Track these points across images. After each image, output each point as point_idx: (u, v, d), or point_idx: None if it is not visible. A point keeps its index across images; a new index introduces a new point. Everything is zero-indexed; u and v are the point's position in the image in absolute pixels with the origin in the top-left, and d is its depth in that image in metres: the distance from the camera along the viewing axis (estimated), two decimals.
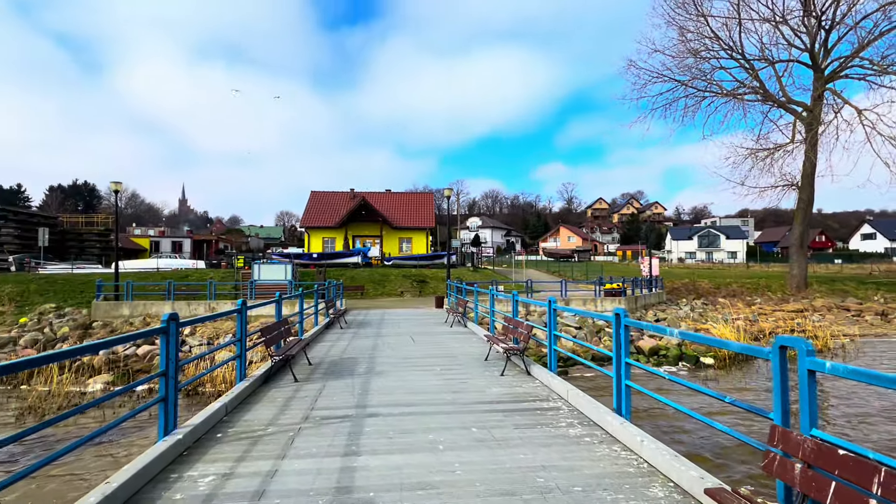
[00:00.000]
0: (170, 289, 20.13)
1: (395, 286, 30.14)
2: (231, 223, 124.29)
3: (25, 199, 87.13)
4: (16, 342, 17.06)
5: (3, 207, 37.38)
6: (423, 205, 44.32)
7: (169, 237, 61.80)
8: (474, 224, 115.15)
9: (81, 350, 3.72)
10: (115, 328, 18.03)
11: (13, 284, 24.47)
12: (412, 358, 9.11)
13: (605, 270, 41.89)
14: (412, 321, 15.54)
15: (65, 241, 41.81)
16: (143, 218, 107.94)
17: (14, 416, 11.21)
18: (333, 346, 10.59)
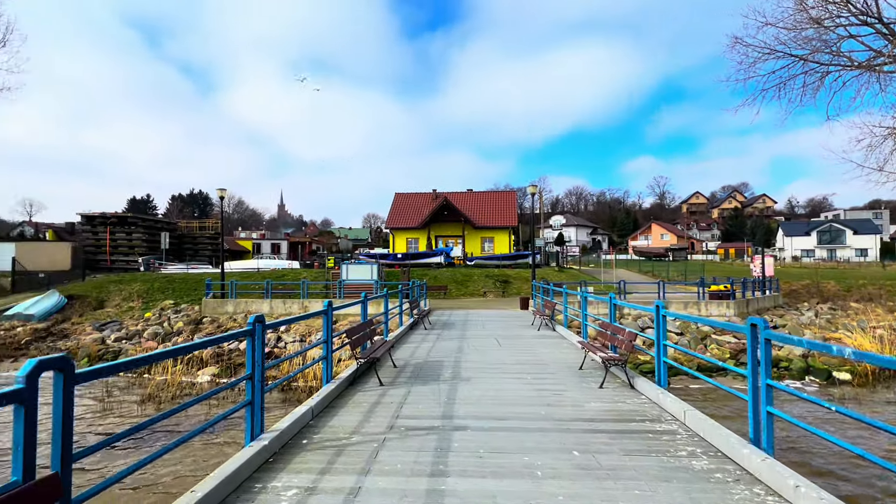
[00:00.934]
0: (267, 288, 21.43)
1: (477, 286, 29.80)
2: (323, 226, 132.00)
3: (153, 207, 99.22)
4: (141, 334, 19.09)
5: (134, 215, 42.59)
6: (505, 203, 43.57)
7: (268, 239, 66.80)
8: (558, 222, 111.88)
9: (183, 350, 3.73)
10: (221, 323, 19.51)
11: (141, 283, 27.61)
12: (500, 364, 8.60)
13: (706, 270, 38.29)
14: (497, 323, 15.03)
15: (182, 244, 46.71)
16: (247, 222, 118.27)
17: (138, 401, 12.35)
18: (418, 347, 10.39)
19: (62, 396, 2.38)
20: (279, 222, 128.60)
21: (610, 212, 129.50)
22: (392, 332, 11.86)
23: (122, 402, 12.38)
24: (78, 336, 20.14)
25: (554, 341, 11.23)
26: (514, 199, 44.19)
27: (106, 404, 12.13)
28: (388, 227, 43.78)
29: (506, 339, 11.48)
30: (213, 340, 4.11)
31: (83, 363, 16.38)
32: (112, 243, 40.10)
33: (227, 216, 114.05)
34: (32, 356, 16.95)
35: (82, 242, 40.94)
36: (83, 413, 11.50)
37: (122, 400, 12.53)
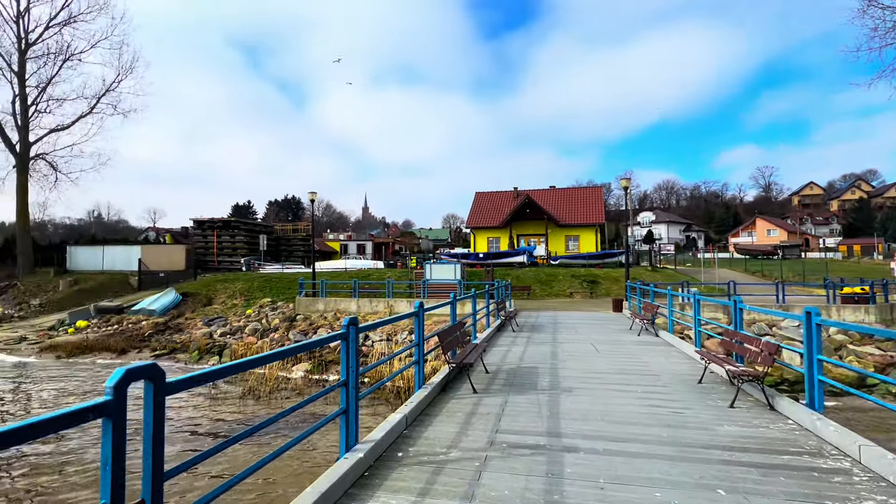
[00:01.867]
0: (355, 287, 22.01)
1: (563, 286, 28.55)
2: (404, 227, 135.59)
3: (253, 212, 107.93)
4: (242, 330, 20.41)
5: (237, 219, 46.38)
6: (590, 200, 41.50)
7: (354, 241, 69.66)
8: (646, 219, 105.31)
9: (273, 356, 3.56)
10: (313, 321, 20.32)
11: (242, 282, 29.77)
12: (601, 372, 7.80)
13: (829, 269, 33.66)
14: (590, 326, 14.03)
15: (278, 246, 50.06)
16: (334, 224, 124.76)
17: (240, 394, 13.04)
18: (509, 351, 9.83)
19: (153, 408, 2.15)
20: (364, 224, 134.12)
21: (706, 206, 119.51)
22: (480, 334, 11.42)
23: (227, 393, 13.16)
24: (190, 330, 22.04)
25: (660, 349, 10.11)
26: (600, 195, 41.94)
27: (211, 395, 12.95)
28: (468, 226, 43.58)
29: (603, 345, 10.55)
30: (307, 345, 3.89)
31: (194, 355, 17.81)
32: (218, 245, 43.89)
33: (317, 219, 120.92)
34: (154, 347, 18.65)
35: (194, 245, 45.25)
36: (185, 405, 12.32)
37: (226, 392, 13.33)
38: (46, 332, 22.60)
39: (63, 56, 37.90)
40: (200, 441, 9.75)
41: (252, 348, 17.39)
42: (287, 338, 18.50)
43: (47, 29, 37.25)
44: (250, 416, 11.41)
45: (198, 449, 9.33)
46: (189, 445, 9.55)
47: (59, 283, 32.48)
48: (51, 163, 38.05)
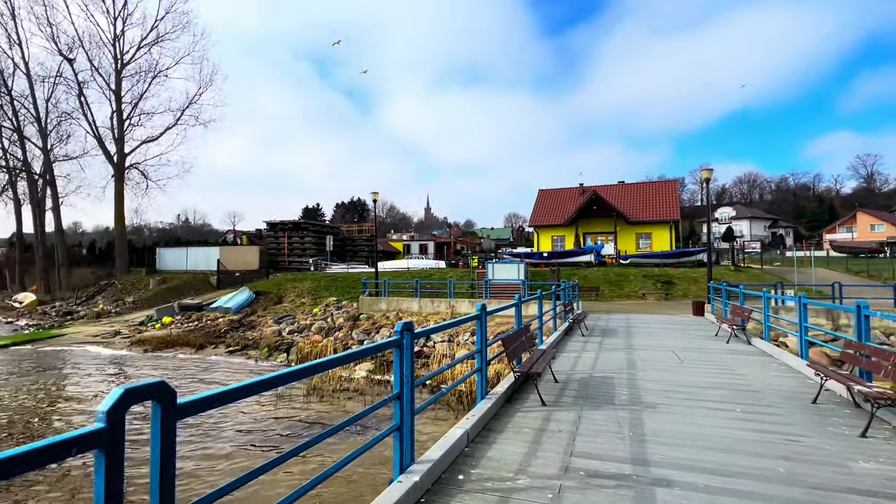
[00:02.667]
0: (416, 287, 21.88)
1: (634, 287, 26.83)
2: (465, 227, 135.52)
3: (321, 214, 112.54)
4: (309, 328, 20.89)
5: (305, 221, 48.32)
6: (664, 195, 38.87)
7: (417, 241, 70.40)
8: (725, 214, 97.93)
9: (347, 357, 3.20)
10: (376, 321, 20.40)
11: (310, 281, 30.74)
12: (690, 386, 6.86)
13: None
14: (668, 331, 12.81)
15: (344, 246, 51.56)
16: (398, 225, 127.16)
17: (304, 392, 13.17)
18: (579, 358, 9.05)
19: (160, 434, 1.79)
20: (426, 225, 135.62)
21: (794, 200, 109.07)
22: (546, 339, 10.68)
23: (293, 389, 13.34)
24: (261, 328, 22.95)
25: (756, 359, 8.88)
26: (674, 190, 39.15)
27: (279, 392, 13.18)
28: (531, 225, 42.39)
29: (687, 353, 9.46)
30: (358, 353, 3.50)
31: (264, 352, 18.41)
32: (289, 246, 45.85)
33: (381, 220, 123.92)
34: (228, 344, 19.48)
35: (267, 245, 47.61)
36: (250, 401, 12.56)
37: (290, 388, 13.52)
38: (136, 328, 24.49)
39: (152, 73, 41.33)
40: (259, 444, 9.82)
41: (318, 347, 17.69)
42: (350, 337, 18.66)
43: (139, 49, 40.77)
44: (313, 417, 11.42)
45: (248, 459, 9.39)
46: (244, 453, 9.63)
47: (149, 282, 35.33)
48: (142, 171, 41.60)
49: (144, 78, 41.15)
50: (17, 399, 12.96)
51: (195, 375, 15.53)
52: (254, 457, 8.80)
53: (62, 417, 11.40)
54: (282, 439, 9.75)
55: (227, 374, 15.58)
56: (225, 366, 17.01)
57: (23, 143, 40.69)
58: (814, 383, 6.57)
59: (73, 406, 12.35)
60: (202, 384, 14.34)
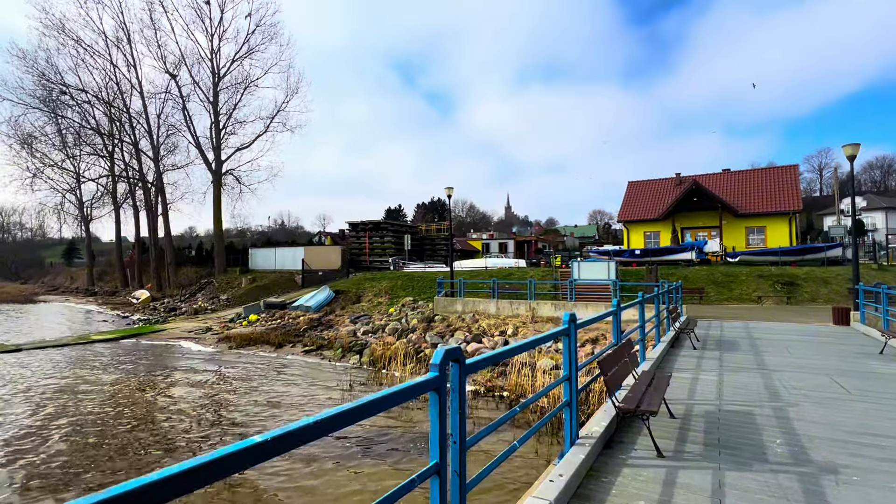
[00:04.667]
0: (494, 287, 20.43)
1: (746, 289, 23.22)
2: (548, 225, 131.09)
3: (403, 215, 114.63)
4: (383, 329, 20.28)
5: (385, 221, 48.74)
6: (781, 182, 33.68)
7: (496, 239, 68.78)
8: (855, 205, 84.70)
9: None
10: (451, 322, 19.26)
11: (388, 281, 30.47)
12: (876, 433, 4.76)
13: None
14: (808, 345, 10.19)
15: (422, 246, 51.40)
16: (478, 224, 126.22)
17: None
18: (696, 382, 7.09)
19: (458, 384, 2.36)
20: (506, 223, 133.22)
21: None
22: (648, 352, 8.75)
23: None
24: (338, 327, 22.82)
25: None
26: (795, 175, 33.68)
27: (345, 398, 12.44)
28: (620, 220, 39.01)
29: (849, 379, 7.10)
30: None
31: (337, 353, 18.01)
32: (370, 246, 46.51)
33: (461, 220, 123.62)
34: (305, 343, 19.37)
35: (349, 245, 48.72)
36: None
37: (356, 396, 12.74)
38: (226, 324, 25.58)
39: (244, 84, 43.87)
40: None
41: (390, 349, 16.90)
42: (424, 339, 17.67)
43: (233, 63, 43.46)
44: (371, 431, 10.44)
45: None
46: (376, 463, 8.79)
47: (241, 281, 37.36)
48: (236, 177, 44.29)
49: (238, 89, 43.80)
50: (130, 394, 13.47)
51: (266, 374, 15.39)
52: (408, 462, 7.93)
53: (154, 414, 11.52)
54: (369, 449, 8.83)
55: (296, 375, 15.26)
56: (298, 365, 16.79)
57: (139, 156, 45.17)
58: None
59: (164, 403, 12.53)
60: (274, 382, 14.03)
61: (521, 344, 3.45)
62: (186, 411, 11.66)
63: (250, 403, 12.19)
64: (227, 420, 11.05)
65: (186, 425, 10.66)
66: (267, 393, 13.12)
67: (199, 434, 10.10)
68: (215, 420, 11.04)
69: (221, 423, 10.85)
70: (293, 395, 12.87)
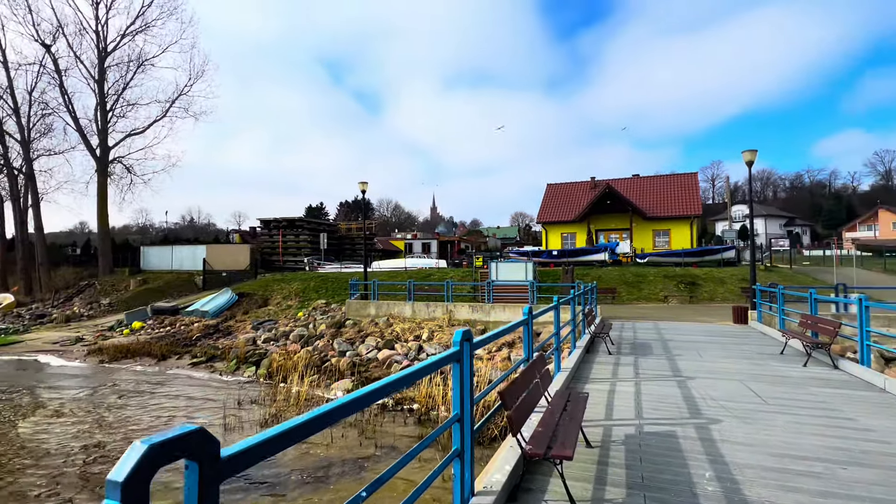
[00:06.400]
0: (410, 289, 19.32)
1: (654, 289, 24.14)
2: (472, 226, 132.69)
3: (325, 213, 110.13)
4: (287, 336, 18.40)
5: (300, 219, 45.77)
6: (683, 188, 35.95)
7: (420, 239, 67.86)
8: (740, 213, 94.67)
9: None
10: (362, 328, 17.87)
11: (299, 282, 28.28)
12: (804, 457, 4.22)
13: None
14: (717, 346, 10.15)
15: (342, 245, 49.09)
16: (403, 224, 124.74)
17: (259, 422, 10.63)
18: (614, 394, 6.43)
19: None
20: (431, 224, 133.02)
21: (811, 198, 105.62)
22: (564, 361, 8.06)
23: (244, 417, 10.81)
24: (238, 334, 20.51)
25: (868, 396, 6.22)
26: (695, 183, 36.16)
27: (228, 418, 10.65)
28: (539, 221, 39.66)
29: (763, 385, 6.82)
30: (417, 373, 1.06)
31: (231, 365, 15.95)
32: (283, 244, 43.47)
33: (385, 219, 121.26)
34: (194, 353, 16.97)
35: (260, 244, 45.26)
36: None
37: (241, 415, 10.98)
38: (102, 333, 22.13)
39: (137, 62, 39.06)
40: None
41: (291, 359, 15.18)
42: (331, 347, 16.14)
43: (123, 37, 38.52)
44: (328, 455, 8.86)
45: None
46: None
47: (129, 283, 33.05)
48: (127, 166, 39.34)
49: (129, 67, 38.91)
50: None
51: (136, 394, 13.05)
52: None
53: None
54: None
55: (173, 394, 13.09)
56: (181, 381, 14.54)
57: (2, 138, 38.61)
58: None
59: None
60: (143, 405, 11.79)
61: (399, 377, 2.33)
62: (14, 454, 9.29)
63: (82, 436, 9.95)
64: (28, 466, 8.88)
65: None
66: (123, 422, 10.91)
67: None
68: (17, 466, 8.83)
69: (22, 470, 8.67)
70: (157, 422, 10.78)
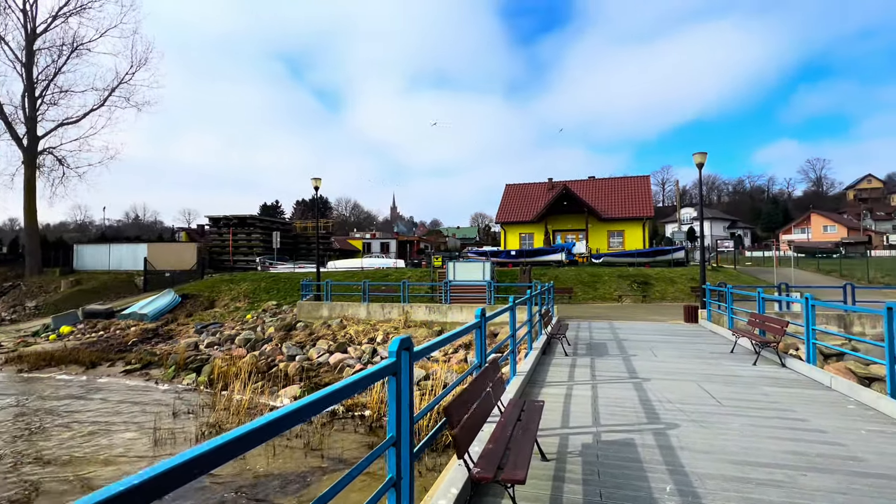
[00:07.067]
0: (365, 290, 18.68)
1: (609, 289, 24.53)
2: (432, 226, 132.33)
3: (281, 212, 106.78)
4: (233, 340, 17.36)
5: (253, 216, 43.83)
6: (637, 191, 36.96)
7: (378, 239, 66.82)
8: (687, 215, 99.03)
9: None
10: (314, 330, 17.08)
11: (249, 283, 26.97)
12: (764, 463, 4.06)
13: None
14: (670, 346, 10.19)
15: (297, 245, 47.46)
16: (362, 224, 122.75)
17: (195, 435, 9.78)
18: (570, 398, 6.17)
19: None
20: (391, 223, 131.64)
21: (751, 202, 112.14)
22: (520, 364, 7.78)
23: (177, 429, 9.92)
24: (180, 338, 19.21)
25: (816, 395, 6.24)
26: (648, 186, 37.25)
27: (160, 431, 9.73)
28: (498, 221, 39.77)
29: (716, 385, 6.77)
30: None
31: (169, 372, 14.81)
32: (234, 243, 41.57)
33: (343, 219, 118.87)
34: (129, 359, 15.67)
35: (209, 243, 43.11)
36: None
37: (175, 427, 10.08)
38: (24, 339, 20.20)
39: (71, 46, 36.24)
40: None
41: (236, 365, 14.24)
42: (280, 351, 15.29)
43: (55, 19, 35.64)
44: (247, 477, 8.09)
45: None
46: None
47: (60, 284, 30.55)
48: (58, 157, 36.44)
49: (62, 51, 36.03)
50: None
51: (59, 406, 11.82)
52: None
53: None
54: None
55: (101, 406, 11.95)
56: (111, 390, 13.34)
57: None
58: None
59: None
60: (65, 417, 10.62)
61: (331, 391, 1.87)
62: None
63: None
64: None
65: None
66: (33, 444, 9.78)
67: None
68: None
69: None
70: (74, 442, 9.71)
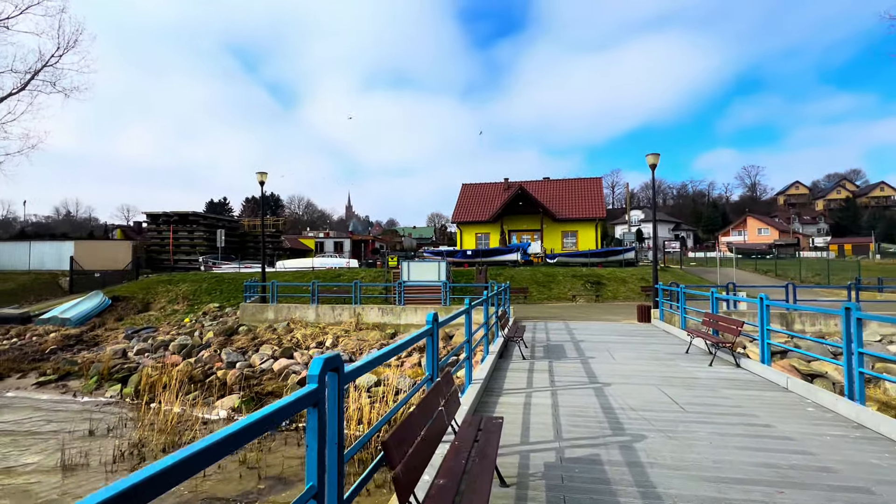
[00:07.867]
0: (314, 290, 17.73)
1: (563, 289, 24.68)
2: (388, 225, 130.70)
3: (229, 209, 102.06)
4: (167, 346, 15.97)
5: (195, 213, 41.30)
6: (589, 192, 37.66)
7: (332, 238, 64.94)
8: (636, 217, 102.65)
9: None
10: (258, 335, 15.98)
11: (189, 284, 25.21)
12: (731, 470, 3.75)
13: (860, 269, 30.33)
14: (627, 347, 10.05)
15: (245, 243, 45.22)
16: (315, 223, 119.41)
17: (112, 456, 8.67)
18: (529, 407, 5.74)
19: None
20: (346, 223, 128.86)
21: (693, 206, 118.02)
22: (476, 370, 7.30)
23: (93, 451, 8.76)
24: (108, 344, 17.52)
25: (775, 397, 6.12)
26: (600, 187, 38.06)
27: (69, 452, 8.55)
28: (454, 221, 39.45)
29: (676, 389, 6.55)
30: None
31: (91, 382, 13.35)
32: (175, 242, 39.05)
33: (296, 217, 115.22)
34: (44, 370, 13.99)
35: (147, 241, 40.31)
36: None
37: (91, 448, 8.91)
38: None
39: None
40: None
41: (170, 372, 13.00)
42: (218, 358, 14.13)
43: None
44: None
45: None
46: None
47: None
48: None
49: None
50: None
51: None
52: None
53: None
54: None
55: (3, 426, 10.51)
56: (17, 407, 11.80)
57: None
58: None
59: None
60: None
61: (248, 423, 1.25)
62: None
63: None
64: None
65: None
66: None
67: None
68: None
69: None
70: None
